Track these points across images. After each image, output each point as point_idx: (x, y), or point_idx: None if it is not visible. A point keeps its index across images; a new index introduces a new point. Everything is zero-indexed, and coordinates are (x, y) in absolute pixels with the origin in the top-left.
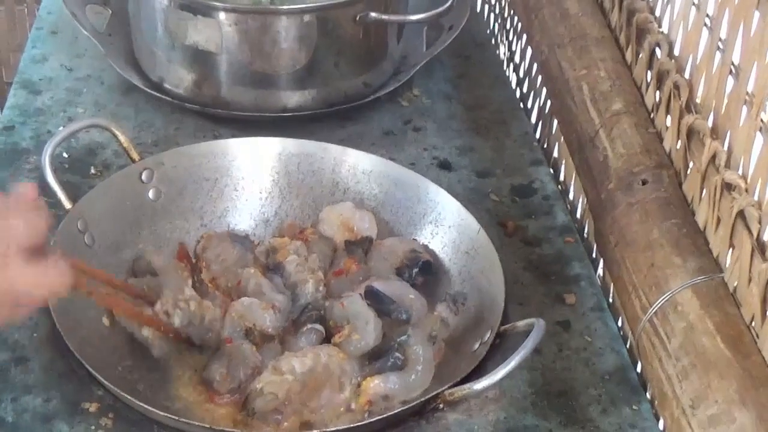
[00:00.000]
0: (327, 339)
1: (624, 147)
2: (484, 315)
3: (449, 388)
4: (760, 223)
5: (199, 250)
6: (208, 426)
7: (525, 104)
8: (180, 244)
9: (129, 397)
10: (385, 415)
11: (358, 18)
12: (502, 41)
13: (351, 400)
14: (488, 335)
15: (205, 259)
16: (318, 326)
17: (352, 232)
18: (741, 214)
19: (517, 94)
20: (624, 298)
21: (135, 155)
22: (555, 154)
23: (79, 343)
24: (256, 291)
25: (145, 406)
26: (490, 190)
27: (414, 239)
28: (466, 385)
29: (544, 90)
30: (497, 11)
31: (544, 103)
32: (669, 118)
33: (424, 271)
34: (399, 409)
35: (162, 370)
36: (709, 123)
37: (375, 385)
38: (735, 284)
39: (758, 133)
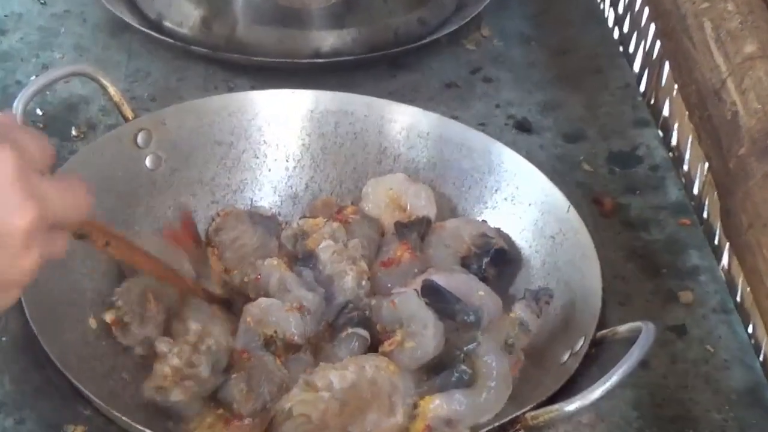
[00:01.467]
0: (373, 347)
1: (759, 101)
2: (575, 317)
3: (531, 410)
4: None
5: (211, 232)
6: None
7: (626, 48)
8: (183, 213)
9: (125, 419)
10: None
11: None
12: None
13: (404, 426)
14: (581, 343)
15: (218, 244)
16: (361, 331)
17: (405, 211)
18: None
19: (616, 35)
20: (759, 296)
21: (128, 112)
22: (665, 111)
23: (60, 349)
24: (279, 288)
25: (146, 430)
26: (581, 157)
27: (484, 221)
28: (554, 407)
29: (652, 28)
30: None
31: (652, 45)
32: None
33: (497, 261)
34: None
35: None
36: None
37: (435, 406)
38: None
39: None
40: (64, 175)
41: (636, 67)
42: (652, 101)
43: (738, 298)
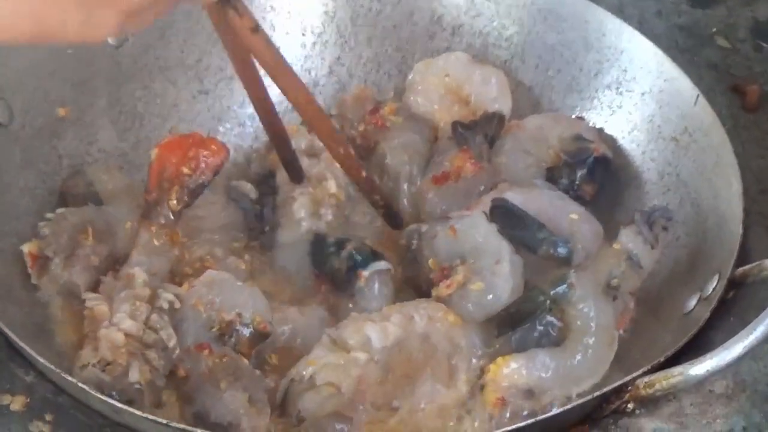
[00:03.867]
0: (424, 292)
1: None
2: (705, 249)
3: (644, 374)
4: None
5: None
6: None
7: None
8: (167, 142)
9: (82, 386)
10: (528, 423)
11: None
12: None
13: (469, 397)
14: (714, 284)
15: (173, 195)
16: (381, 264)
17: (467, 105)
18: None
19: None
20: None
21: None
22: None
23: None
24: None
25: (111, 401)
26: (714, 29)
27: (579, 117)
28: (676, 370)
29: None
30: None
31: None
32: None
33: (597, 174)
34: (555, 412)
35: None
36: None
37: (512, 371)
38: None
39: None
40: None
41: None
42: None
43: None
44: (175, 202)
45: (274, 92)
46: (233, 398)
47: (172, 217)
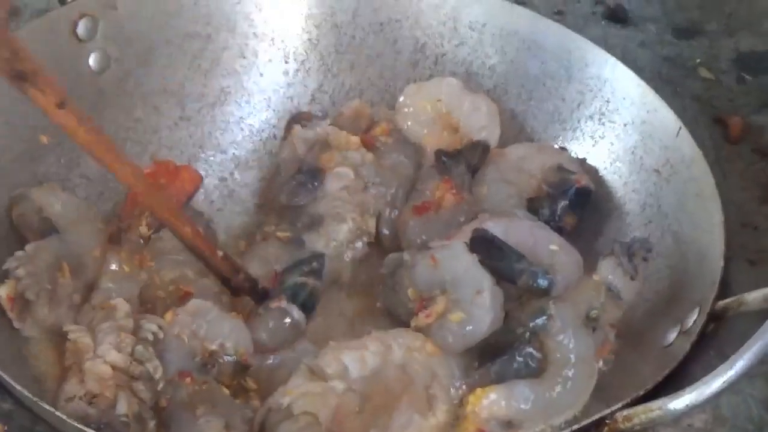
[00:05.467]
0: (403, 321)
1: None
2: (686, 282)
3: (623, 407)
4: None
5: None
6: None
7: None
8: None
9: (59, 414)
10: None
11: None
12: None
13: (449, 428)
14: (694, 317)
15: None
16: (310, 280)
17: (456, 131)
18: None
19: None
20: None
21: None
22: None
23: None
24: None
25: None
26: (698, 60)
27: (561, 147)
28: (655, 404)
29: None
30: None
31: None
32: None
33: (579, 205)
34: None
35: None
36: None
37: (491, 402)
38: None
39: None
40: None
41: None
42: None
43: None
44: (145, 228)
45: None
46: (208, 425)
47: (141, 242)
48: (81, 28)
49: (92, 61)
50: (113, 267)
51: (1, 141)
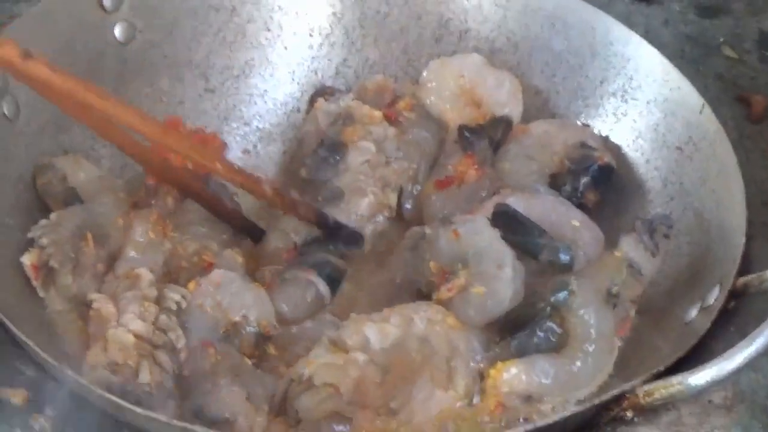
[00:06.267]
0: (424, 295)
1: None
2: (707, 258)
3: (643, 383)
4: None
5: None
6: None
7: None
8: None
9: (83, 381)
10: (527, 429)
11: None
12: None
13: (467, 401)
14: (715, 294)
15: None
16: (332, 258)
17: (479, 106)
18: None
19: None
20: None
21: None
22: None
23: None
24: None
25: (114, 399)
26: (721, 39)
27: (585, 124)
28: (675, 379)
29: None
30: None
31: None
32: None
33: (601, 181)
34: (553, 419)
35: None
36: None
37: (511, 376)
38: None
39: None
40: None
41: None
42: None
43: None
44: (171, 199)
45: None
46: (231, 394)
47: (170, 207)
48: None
49: (117, 31)
50: (138, 236)
51: (26, 110)
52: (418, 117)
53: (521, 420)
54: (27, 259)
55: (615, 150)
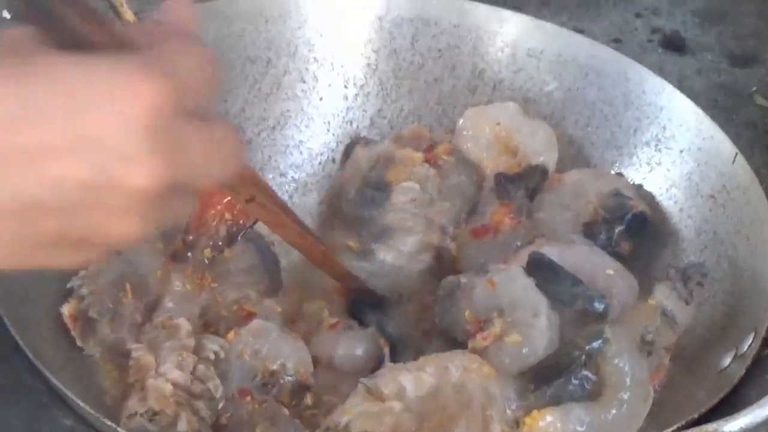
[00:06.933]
0: (459, 343)
1: None
2: (741, 306)
3: (678, 430)
4: None
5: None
6: None
7: None
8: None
9: (121, 431)
10: None
11: None
12: None
13: None
14: (749, 341)
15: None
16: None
17: (515, 155)
18: None
19: None
20: None
21: (128, 14)
22: None
23: (33, 338)
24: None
25: None
26: (754, 88)
27: (618, 173)
28: (709, 426)
29: None
30: None
31: None
32: None
33: (635, 230)
34: None
35: None
36: None
37: (547, 424)
38: None
39: None
40: (219, 117)
41: None
42: None
43: None
44: (209, 250)
45: None
46: None
47: (206, 261)
48: None
49: None
50: (177, 286)
51: None
52: (456, 161)
53: None
54: (66, 309)
55: (648, 199)
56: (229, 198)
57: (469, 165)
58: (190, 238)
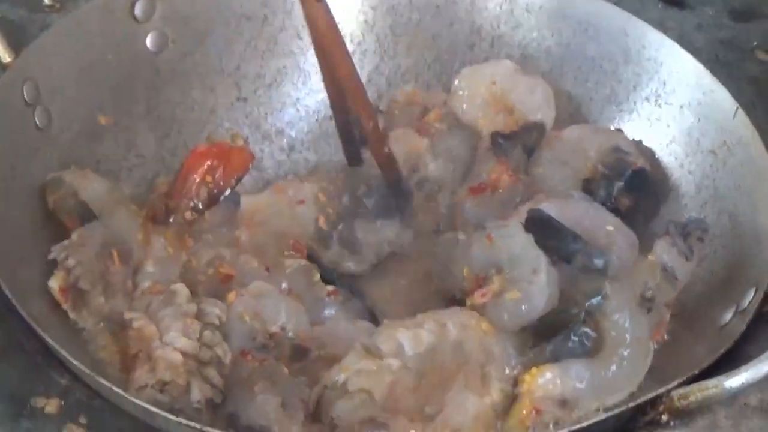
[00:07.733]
0: (457, 301)
1: None
2: (742, 262)
3: (679, 386)
4: None
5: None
6: None
7: None
8: (199, 148)
9: (116, 390)
10: None
11: None
12: None
13: (502, 406)
14: (750, 297)
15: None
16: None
17: (512, 114)
18: None
19: None
20: None
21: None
22: None
23: (29, 300)
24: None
25: (147, 406)
26: (755, 43)
27: (617, 129)
28: (710, 382)
29: None
30: None
31: None
32: None
33: (635, 186)
34: (588, 422)
35: None
36: None
37: (546, 381)
38: None
39: None
40: None
41: None
42: None
43: None
44: (189, 213)
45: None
46: (266, 402)
47: (187, 224)
48: (138, 9)
49: (149, 41)
50: (158, 250)
51: (58, 120)
52: (449, 127)
53: (558, 424)
54: (53, 283)
55: (648, 154)
56: (210, 162)
57: (462, 128)
58: (173, 202)
